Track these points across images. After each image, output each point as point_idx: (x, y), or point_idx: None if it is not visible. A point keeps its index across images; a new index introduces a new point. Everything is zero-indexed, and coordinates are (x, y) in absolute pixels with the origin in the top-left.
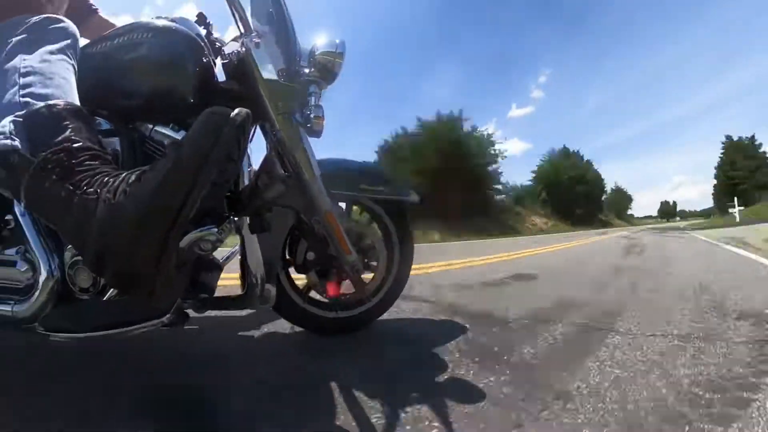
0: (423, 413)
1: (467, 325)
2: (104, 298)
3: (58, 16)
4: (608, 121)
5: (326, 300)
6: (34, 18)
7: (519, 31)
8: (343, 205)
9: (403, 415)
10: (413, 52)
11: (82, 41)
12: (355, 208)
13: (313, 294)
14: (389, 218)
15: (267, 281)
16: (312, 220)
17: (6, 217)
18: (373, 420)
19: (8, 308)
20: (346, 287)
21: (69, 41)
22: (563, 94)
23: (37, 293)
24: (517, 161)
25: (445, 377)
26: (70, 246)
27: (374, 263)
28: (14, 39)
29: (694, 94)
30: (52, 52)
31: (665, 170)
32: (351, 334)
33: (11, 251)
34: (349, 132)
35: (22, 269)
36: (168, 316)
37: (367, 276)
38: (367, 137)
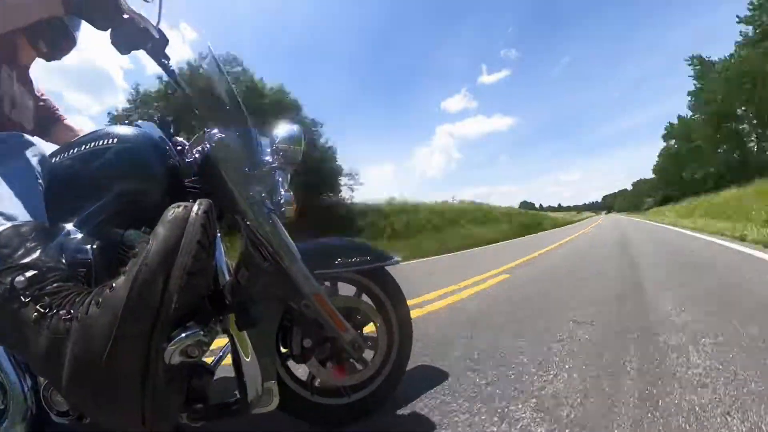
0: None
1: None
2: (85, 421)
3: (23, 134)
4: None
5: (334, 387)
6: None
7: None
8: (330, 284)
9: None
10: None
11: (50, 147)
12: (342, 284)
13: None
14: (378, 287)
15: (265, 379)
16: (301, 305)
17: None
18: None
19: None
20: (352, 368)
21: (36, 158)
22: (538, 48)
23: (8, 420)
24: (503, 138)
25: None
26: None
27: (374, 335)
28: None
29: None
30: (18, 170)
31: None
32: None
33: None
34: None
35: None
36: None
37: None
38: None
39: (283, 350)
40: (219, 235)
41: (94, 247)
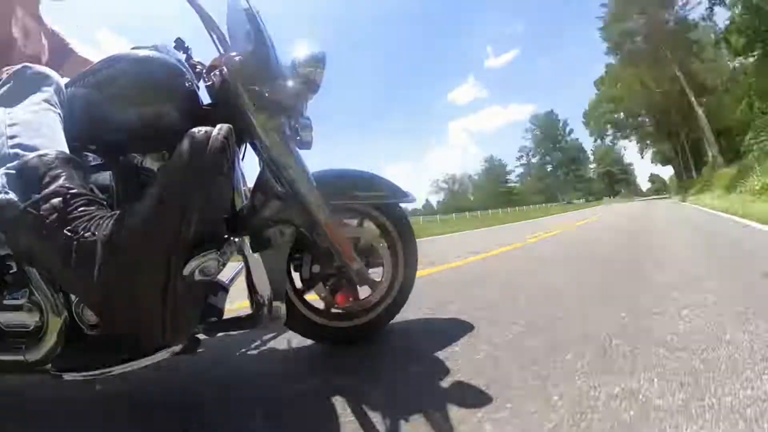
0: None
1: None
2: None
3: (38, 66)
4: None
5: (338, 311)
6: (15, 68)
7: None
8: (343, 215)
9: None
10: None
11: (65, 79)
12: (355, 216)
13: (319, 304)
14: (390, 222)
15: (275, 299)
16: (313, 233)
17: (7, 263)
18: None
19: (20, 353)
20: (355, 296)
21: (52, 88)
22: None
23: (46, 335)
24: (522, 128)
25: None
26: None
27: (380, 269)
28: None
29: None
30: (36, 102)
31: None
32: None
33: (16, 296)
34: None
35: (29, 312)
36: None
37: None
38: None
39: (292, 272)
40: (237, 159)
41: (115, 172)
